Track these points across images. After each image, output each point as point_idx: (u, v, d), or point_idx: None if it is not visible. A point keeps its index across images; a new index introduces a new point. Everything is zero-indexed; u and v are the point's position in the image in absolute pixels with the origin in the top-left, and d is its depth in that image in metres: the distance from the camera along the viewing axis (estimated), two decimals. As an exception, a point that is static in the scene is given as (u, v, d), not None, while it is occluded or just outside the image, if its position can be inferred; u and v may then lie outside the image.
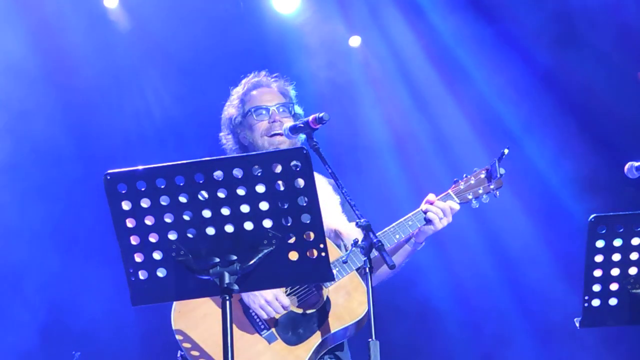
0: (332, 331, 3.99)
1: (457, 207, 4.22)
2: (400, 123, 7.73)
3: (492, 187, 4.29)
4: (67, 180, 6.97)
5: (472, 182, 4.29)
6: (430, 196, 4.23)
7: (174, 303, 3.95)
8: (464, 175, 4.31)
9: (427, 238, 4.26)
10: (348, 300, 4.01)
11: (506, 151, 4.21)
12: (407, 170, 7.66)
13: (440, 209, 4.17)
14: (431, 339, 7.62)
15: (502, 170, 4.23)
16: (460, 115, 7.66)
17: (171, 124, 7.40)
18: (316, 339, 3.97)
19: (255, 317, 4.01)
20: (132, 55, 7.25)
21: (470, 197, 4.27)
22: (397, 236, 4.14)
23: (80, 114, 7.12)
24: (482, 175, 4.29)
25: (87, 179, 6.79)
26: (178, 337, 3.92)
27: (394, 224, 4.16)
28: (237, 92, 4.48)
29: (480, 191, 4.28)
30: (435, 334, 7.64)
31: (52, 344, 6.87)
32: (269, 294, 3.96)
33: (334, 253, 4.01)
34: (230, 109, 4.43)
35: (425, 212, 4.17)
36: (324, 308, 4.01)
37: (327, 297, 4.03)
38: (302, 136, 4.06)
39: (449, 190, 4.27)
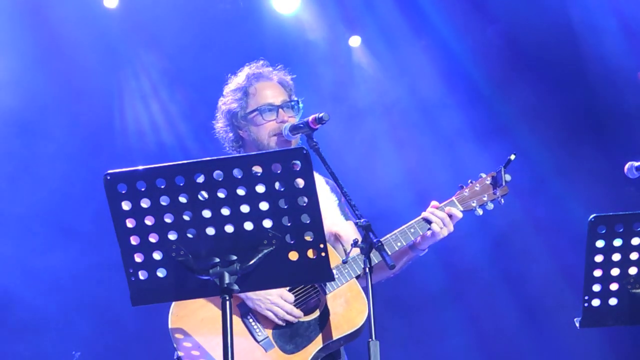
0: (329, 340, 3.91)
1: (459, 215, 4.10)
2: (401, 123, 7.72)
3: (497, 194, 4.17)
4: (67, 180, 6.97)
5: (477, 188, 4.17)
6: (434, 203, 4.12)
7: (172, 307, 3.90)
8: (469, 181, 4.19)
9: (430, 245, 4.13)
10: (347, 309, 3.94)
11: (512, 157, 4.08)
12: (408, 171, 7.65)
13: (441, 218, 4.06)
14: (431, 340, 7.62)
15: (508, 177, 4.11)
16: (462, 116, 7.66)
17: (171, 123, 7.40)
18: (313, 347, 3.91)
19: (253, 324, 3.94)
20: (132, 55, 7.26)
21: (474, 204, 4.15)
22: (399, 244, 4.04)
23: (80, 113, 7.11)
24: (488, 182, 4.17)
25: (87, 179, 6.79)
26: (177, 335, 3.86)
27: (396, 231, 4.06)
28: (237, 83, 4.32)
29: (485, 198, 4.16)
30: (435, 334, 7.64)
31: (52, 344, 6.87)
32: (272, 294, 3.90)
33: (334, 258, 3.90)
34: (232, 102, 4.28)
35: (427, 220, 4.07)
36: (322, 316, 3.94)
37: (326, 305, 3.95)
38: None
39: (453, 198, 4.15)
